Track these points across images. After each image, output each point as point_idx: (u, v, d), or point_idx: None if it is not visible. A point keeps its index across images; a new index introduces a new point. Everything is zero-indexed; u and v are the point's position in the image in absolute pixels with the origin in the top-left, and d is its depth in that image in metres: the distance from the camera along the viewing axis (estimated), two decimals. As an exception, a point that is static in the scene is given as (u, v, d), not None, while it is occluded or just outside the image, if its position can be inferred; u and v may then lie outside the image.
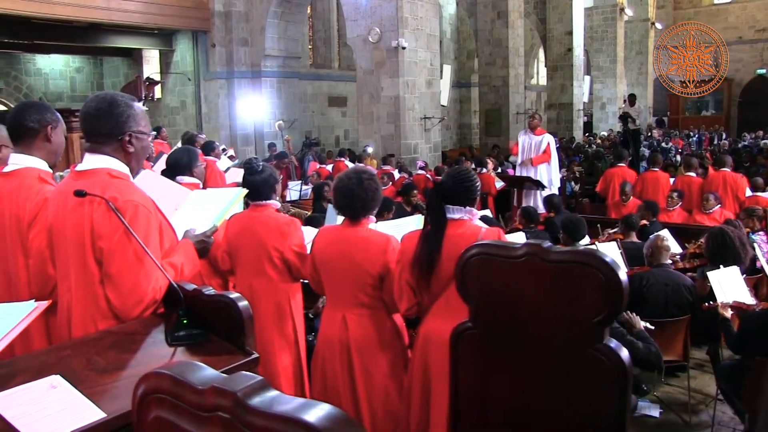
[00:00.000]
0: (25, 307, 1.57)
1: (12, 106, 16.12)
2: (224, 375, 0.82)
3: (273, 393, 0.78)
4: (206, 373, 0.82)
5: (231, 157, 10.36)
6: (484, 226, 3.09)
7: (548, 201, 8.28)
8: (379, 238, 3.30)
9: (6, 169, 2.89)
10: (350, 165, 11.71)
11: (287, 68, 16.56)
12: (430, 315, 3.12)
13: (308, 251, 3.59)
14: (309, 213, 7.35)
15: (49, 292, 2.44)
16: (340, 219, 3.57)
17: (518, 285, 1.62)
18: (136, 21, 14.44)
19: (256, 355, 1.99)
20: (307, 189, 10.29)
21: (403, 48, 13.09)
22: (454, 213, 3.08)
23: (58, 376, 1.73)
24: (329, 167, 12.65)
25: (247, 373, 0.80)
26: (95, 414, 1.61)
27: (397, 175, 11.56)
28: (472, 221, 3.10)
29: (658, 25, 29.24)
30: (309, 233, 3.78)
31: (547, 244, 1.61)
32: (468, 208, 3.10)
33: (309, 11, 19.42)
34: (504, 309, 1.65)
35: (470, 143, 23.58)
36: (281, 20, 15.92)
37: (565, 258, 1.56)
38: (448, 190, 3.11)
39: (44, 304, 1.60)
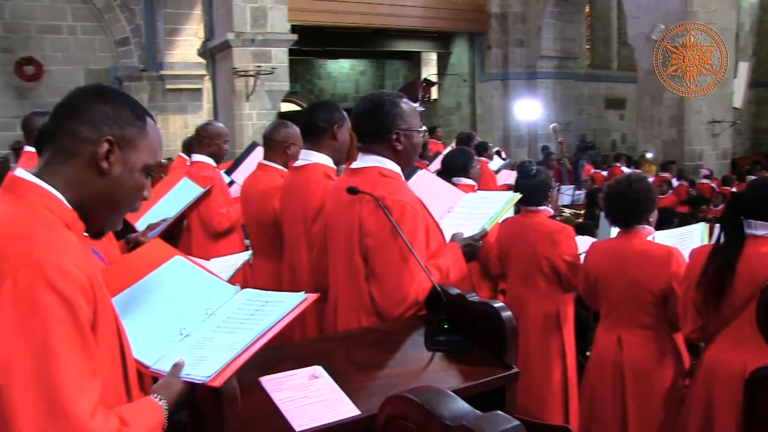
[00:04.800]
0: (295, 298, 1.63)
1: (305, 106, 17.92)
2: (478, 413, 0.71)
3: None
4: (458, 407, 0.72)
5: (503, 158, 10.31)
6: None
7: None
8: (660, 251, 2.96)
9: (297, 164, 3.15)
10: (626, 171, 11.04)
11: (563, 69, 16.16)
12: (717, 342, 2.72)
13: (581, 261, 3.38)
14: (580, 220, 7.03)
15: (328, 285, 2.56)
16: (614, 232, 3.29)
17: None
18: (416, 25, 15.13)
19: (516, 370, 1.86)
20: (580, 194, 9.89)
21: (691, 45, 12.00)
22: (757, 229, 2.64)
23: (320, 367, 1.77)
24: (604, 173, 12.05)
25: (504, 414, 0.69)
26: (350, 410, 1.63)
27: (675, 183, 10.64)
28: None
29: None
30: (583, 243, 3.54)
31: None
32: None
33: (587, 10, 18.73)
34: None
35: (767, 150, 20.99)
36: (558, 20, 15.56)
37: None
38: (749, 202, 2.68)
39: (313, 296, 1.64)
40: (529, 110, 15.49)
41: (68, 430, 1.10)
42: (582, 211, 8.23)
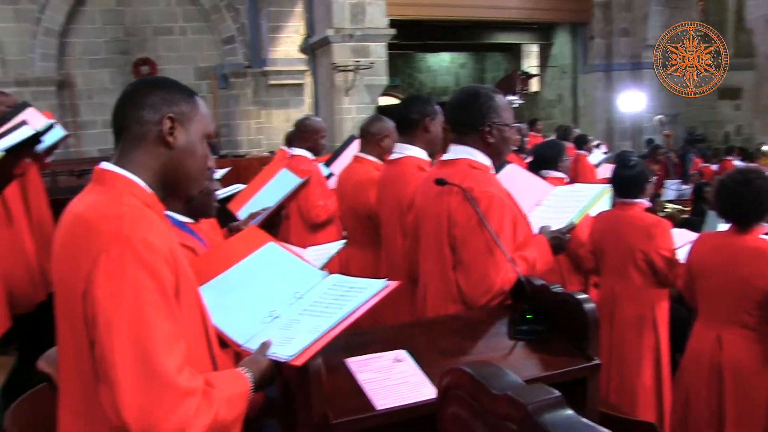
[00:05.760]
0: (377, 285, 1.71)
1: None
2: (523, 384, 0.76)
3: (566, 413, 0.70)
4: (507, 379, 0.77)
5: (604, 152, 10.06)
6: None
7: None
8: None
9: (392, 157, 3.28)
10: (739, 164, 10.51)
11: (671, 58, 15.48)
12: None
13: (678, 256, 3.28)
14: (686, 215, 6.77)
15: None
16: (722, 227, 3.17)
17: None
18: (516, 17, 14.90)
19: (597, 361, 1.87)
20: (687, 189, 9.50)
21: (823, 24, 11.15)
22: None
23: (404, 351, 1.84)
24: (714, 167, 11.49)
25: (546, 386, 0.73)
26: (431, 392, 1.69)
27: (797, 177, 10.00)
28: None
29: None
30: (681, 236, 3.44)
31: None
32: None
33: (700, -6, 17.85)
34: None
35: None
36: (666, 6, 14.87)
37: None
38: None
39: (394, 284, 1.73)
40: (634, 102, 14.96)
41: (157, 384, 1.25)
42: (688, 207, 7.91)
